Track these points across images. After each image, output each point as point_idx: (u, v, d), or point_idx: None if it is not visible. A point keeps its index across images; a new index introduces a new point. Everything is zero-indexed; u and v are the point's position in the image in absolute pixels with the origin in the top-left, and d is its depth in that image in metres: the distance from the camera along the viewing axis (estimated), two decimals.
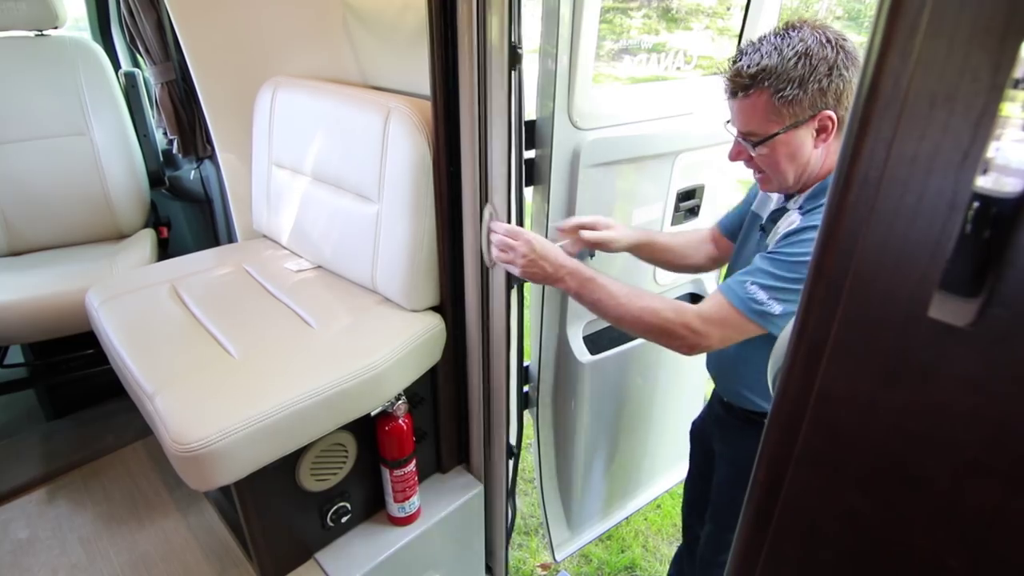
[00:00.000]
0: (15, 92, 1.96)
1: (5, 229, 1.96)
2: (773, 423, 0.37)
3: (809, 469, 0.35)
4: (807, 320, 0.34)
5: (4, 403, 1.99)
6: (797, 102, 1.00)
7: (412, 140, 1.32)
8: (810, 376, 0.33)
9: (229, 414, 1.10)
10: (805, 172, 1.07)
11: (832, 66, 0.98)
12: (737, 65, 1.04)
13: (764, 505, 0.38)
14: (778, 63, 0.99)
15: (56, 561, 1.45)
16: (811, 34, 0.99)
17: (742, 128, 1.08)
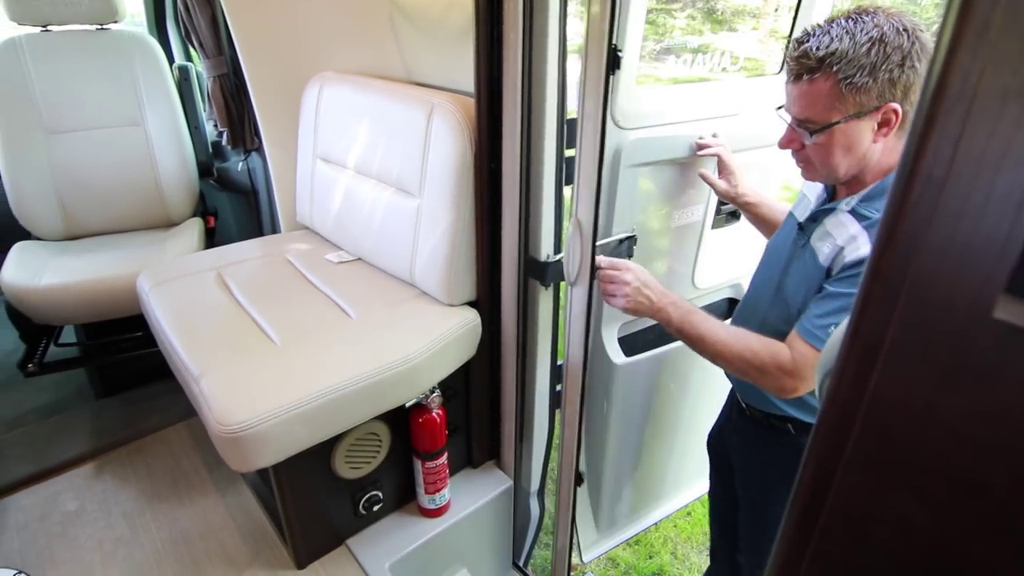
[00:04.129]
0: (76, 84, 2.05)
1: (63, 214, 2.05)
2: (822, 424, 0.36)
3: (860, 473, 0.34)
4: (862, 321, 0.33)
5: (57, 381, 2.08)
6: (865, 90, 0.94)
7: (454, 136, 1.33)
8: (863, 378, 0.33)
9: (270, 399, 1.13)
10: (857, 166, 1.02)
11: (906, 56, 0.92)
12: (804, 46, 0.97)
13: (810, 507, 0.38)
14: (850, 47, 0.93)
15: (101, 533, 1.51)
16: (886, 20, 0.94)
17: (800, 114, 1.01)
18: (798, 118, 1.02)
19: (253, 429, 1.09)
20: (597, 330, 1.68)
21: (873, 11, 0.95)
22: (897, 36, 0.92)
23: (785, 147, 1.08)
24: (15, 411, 1.97)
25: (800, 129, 1.03)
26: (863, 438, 0.34)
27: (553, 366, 1.62)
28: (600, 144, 1.14)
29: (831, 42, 0.94)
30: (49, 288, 1.70)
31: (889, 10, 0.96)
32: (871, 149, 0.99)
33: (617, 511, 2.00)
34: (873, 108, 0.95)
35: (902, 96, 0.95)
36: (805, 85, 0.98)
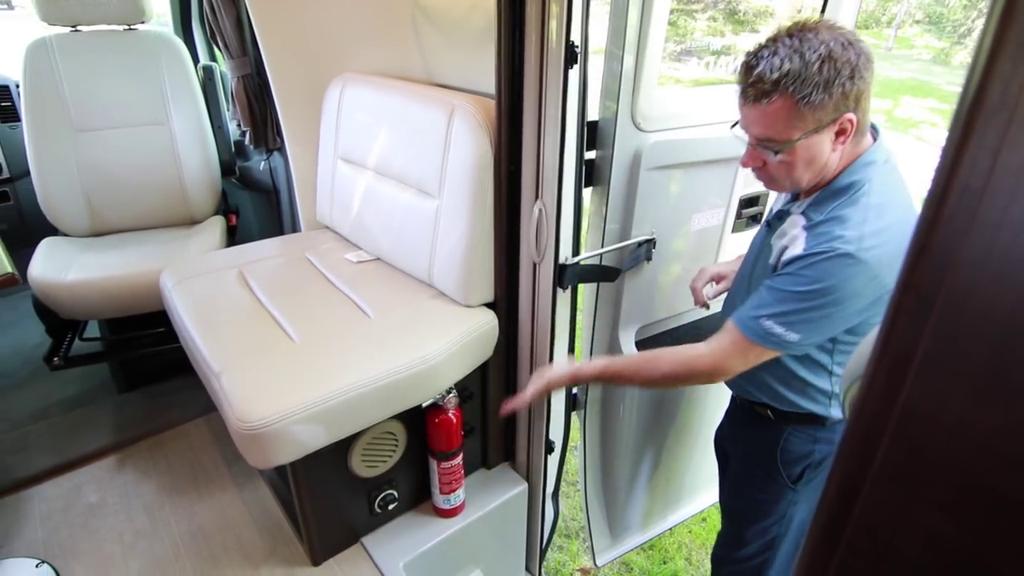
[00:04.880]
0: (104, 83, 2.08)
1: (89, 211, 2.09)
2: (849, 436, 0.36)
3: (888, 486, 0.33)
4: (892, 332, 0.33)
5: (81, 374, 2.12)
6: (821, 106, 0.96)
7: (475, 138, 1.33)
8: (894, 390, 0.32)
9: (289, 396, 1.14)
10: (819, 175, 1.05)
11: (854, 68, 0.95)
12: (757, 71, 0.98)
13: (835, 520, 0.37)
14: (801, 67, 0.95)
15: (122, 526, 1.54)
16: (830, 35, 0.96)
17: (760, 134, 1.03)
18: (758, 138, 1.04)
19: (272, 426, 1.11)
20: (614, 333, 1.68)
21: (814, 27, 0.97)
22: (843, 51, 0.94)
23: (748, 166, 1.09)
24: (41, 403, 2.01)
25: (762, 148, 1.04)
26: (892, 451, 0.33)
27: None
28: (561, 131, 1.22)
29: (782, 63, 0.95)
30: (75, 283, 1.74)
31: (828, 24, 0.98)
32: (831, 157, 1.03)
33: (631, 516, 1.99)
34: (830, 121, 0.98)
35: (855, 105, 0.98)
36: (763, 107, 0.99)
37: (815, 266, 1.00)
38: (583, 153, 1.37)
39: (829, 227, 1.02)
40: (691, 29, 6.20)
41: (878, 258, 0.97)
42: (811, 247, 1.02)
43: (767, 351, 1.07)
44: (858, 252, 0.97)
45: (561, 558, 2.25)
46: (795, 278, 1.02)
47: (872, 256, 0.97)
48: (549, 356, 1.51)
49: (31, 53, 2.00)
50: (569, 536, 2.35)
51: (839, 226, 1.00)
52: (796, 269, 1.02)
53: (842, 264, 0.98)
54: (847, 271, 0.98)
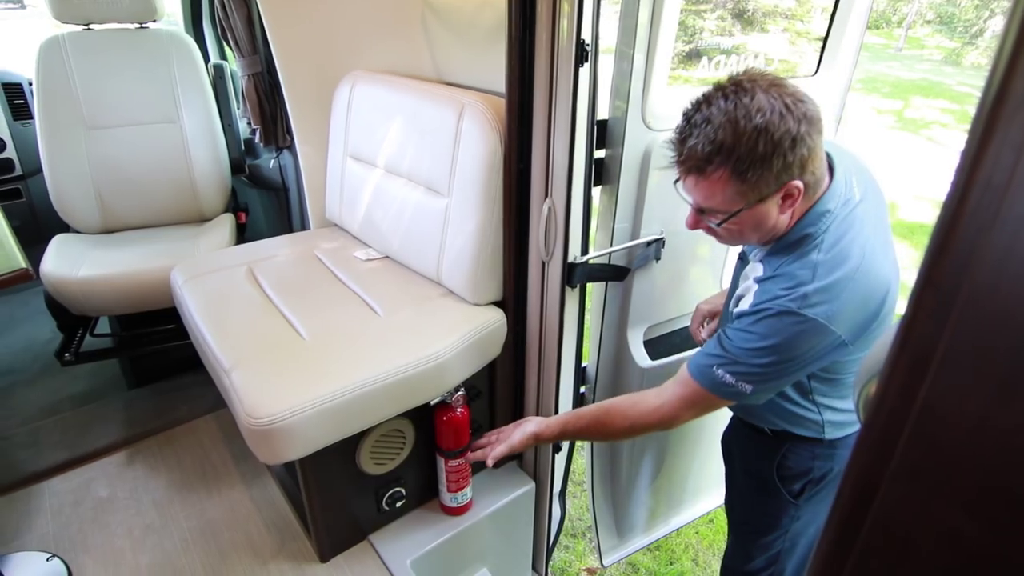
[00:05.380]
0: (115, 81, 2.10)
1: (101, 208, 2.10)
2: (866, 435, 0.35)
3: (906, 485, 0.33)
4: (911, 330, 0.33)
5: (92, 370, 2.14)
6: (761, 179, 0.91)
7: (484, 136, 1.33)
8: (912, 388, 0.32)
9: (299, 393, 1.15)
10: (769, 234, 1.01)
11: (795, 137, 0.88)
12: (689, 144, 0.92)
13: (851, 519, 0.37)
14: (735, 142, 0.88)
15: (132, 520, 1.55)
16: (767, 101, 0.88)
17: (701, 204, 0.99)
18: (700, 207, 1.00)
19: (282, 423, 1.11)
20: (623, 333, 1.67)
21: (750, 87, 0.89)
22: (782, 120, 0.87)
23: (694, 228, 1.04)
24: (51, 399, 2.03)
25: (704, 217, 1.00)
26: (910, 449, 0.33)
27: (577, 368, 1.62)
28: (571, 129, 1.21)
29: (716, 135, 0.89)
30: (86, 280, 1.75)
31: (768, 81, 0.90)
32: (780, 219, 0.98)
33: (638, 516, 1.99)
34: (774, 191, 0.93)
35: (800, 171, 0.91)
36: (696, 180, 0.95)
37: (761, 322, 0.97)
38: (593, 152, 1.37)
39: (775, 283, 0.98)
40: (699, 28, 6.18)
41: (826, 313, 0.93)
42: (756, 303, 0.99)
43: (721, 401, 1.05)
44: (802, 309, 0.93)
45: (567, 558, 2.25)
46: (744, 334, 0.99)
47: (818, 312, 0.93)
48: (557, 355, 1.51)
49: (44, 51, 2.01)
50: (575, 536, 2.35)
51: (784, 283, 0.97)
52: (745, 325, 1.00)
53: (788, 321, 0.95)
54: (793, 328, 0.94)
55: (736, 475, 1.41)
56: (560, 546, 2.25)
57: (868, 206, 1.01)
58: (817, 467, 1.21)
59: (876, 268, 0.95)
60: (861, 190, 1.01)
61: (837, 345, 0.96)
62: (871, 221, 1.00)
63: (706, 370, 1.04)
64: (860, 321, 0.95)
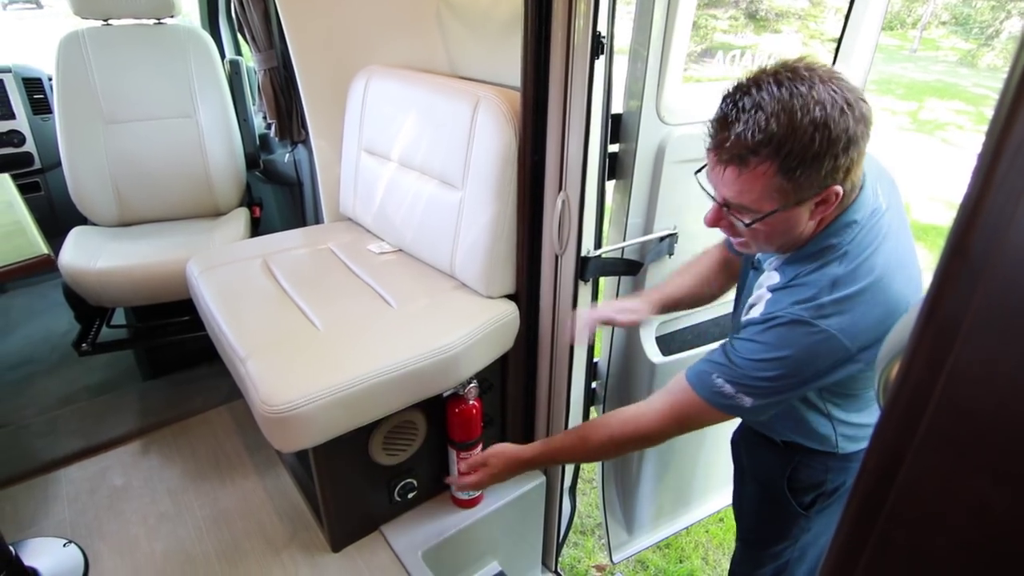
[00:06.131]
0: (133, 75, 2.12)
1: (118, 201, 2.12)
2: (893, 406, 0.35)
3: (933, 454, 0.33)
4: (939, 298, 0.33)
5: (107, 361, 2.16)
6: (806, 179, 0.83)
7: (499, 129, 1.34)
8: (941, 356, 0.32)
9: (313, 381, 1.16)
10: (793, 243, 0.95)
11: (851, 138, 0.80)
12: (737, 131, 0.82)
13: (876, 490, 0.37)
14: (789, 133, 0.79)
15: (147, 509, 1.56)
16: (827, 93, 0.79)
17: (731, 199, 0.89)
18: (728, 202, 0.90)
19: (297, 410, 1.12)
20: (635, 328, 1.67)
21: (808, 75, 0.80)
22: (841, 117, 0.79)
23: (714, 226, 0.96)
24: (68, 389, 2.05)
25: (731, 215, 0.92)
26: (938, 418, 0.33)
27: (589, 363, 1.62)
28: (586, 123, 1.21)
29: (767, 123, 0.79)
30: (104, 271, 1.77)
31: (826, 72, 0.82)
32: (808, 225, 0.91)
33: (648, 513, 1.98)
34: (814, 194, 0.85)
35: (844, 176, 0.84)
36: (737, 171, 0.85)
37: (771, 331, 0.92)
38: (607, 146, 1.37)
39: (790, 293, 0.93)
40: (712, 28, 6.16)
41: (840, 326, 0.87)
42: (767, 312, 0.94)
43: (718, 413, 0.98)
44: (815, 320, 0.88)
45: (577, 554, 2.25)
46: (752, 344, 0.93)
47: (832, 324, 0.87)
48: (569, 349, 1.51)
49: (64, 46, 2.04)
50: (585, 533, 2.35)
51: (800, 293, 0.91)
52: (752, 334, 0.94)
53: (800, 332, 0.89)
54: (804, 339, 0.89)
55: (745, 479, 1.37)
56: (569, 543, 2.25)
57: (893, 215, 0.95)
58: (830, 479, 1.16)
59: (897, 284, 0.89)
60: (886, 199, 0.95)
61: (847, 360, 0.89)
62: (895, 232, 0.93)
63: (705, 377, 0.97)
64: (876, 337, 0.88)
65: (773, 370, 0.91)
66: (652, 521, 2.02)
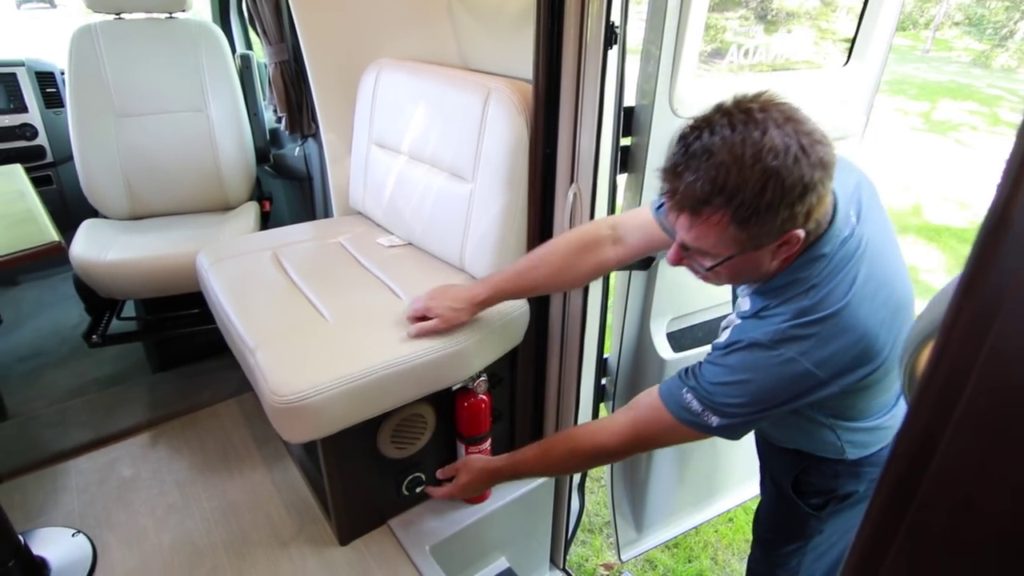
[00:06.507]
0: (145, 69, 2.13)
1: (129, 195, 2.13)
2: (927, 388, 0.34)
3: (970, 437, 0.32)
4: (979, 272, 0.31)
5: (117, 354, 2.17)
6: (762, 228, 0.80)
7: (510, 121, 1.33)
8: (980, 332, 0.31)
9: (323, 372, 1.15)
10: (759, 280, 0.93)
11: (808, 185, 0.77)
12: (688, 180, 0.79)
13: (906, 478, 0.35)
14: (740, 183, 0.77)
15: (155, 500, 1.56)
16: (781, 139, 0.76)
17: (689, 244, 0.88)
18: (686, 246, 0.89)
19: (306, 401, 1.11)
20: (646, 324, 1.66)
21: (762, 118, 0.77)
22: (795, 165, 0.76)
23: (676, 264, 0.95)
24: (78, 381, 2.06)
25: (689, 256, 0.92)
26: (976, 399, 0.32)
27: (599, 359, 1.60)
28: (599, 115, 1.20)
29: (716, 175, 0.77)
30: (114, 263, 1.77)
31: (781, 115, 0.78)
32: (771, 265, 0.89)
33: (657, 511, 1.97)
34: (773, 239, 0.83)
35: (805, 220, 0.81)
36: (690, 220, 0.83)
37: (731, 355, 0.92)
38: (619, 139, 1.36)
39: (755, 322, 0.93)
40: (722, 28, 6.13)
41: (800, 350, 0.86)
42: (731, 338, 0.94)
43: (683, 430, 0.97)
44: (773, 343, 0.88)
45: (584, 553, 2.23)
46: (715, 367, 0.94)
47: (791, 348, 0.87)
48: (579, 344, 1.50)
49: (77, 39, 2.05)
50: (592, 531, 2.33)
51: (764, 325, 0.90)
52: (715, 358, 0.95)
53: (758, 354, 0.89)
54: (765, 363, 0.89)
55: (765, 479, 1.35)
56: (577, 541, 2.24)
57: (869, 227, 0.92)
58: (842, 485, 1.14)
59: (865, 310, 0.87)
60: (858, 209, 0.92)
61: (818, 386, 0.88)
62: (873, 243, 0.91)
63: (676, 391, 0.97)
64: (846, 364, 0.87)
65: (737, 395, 0.91)
66: (661, 520, 2.00)
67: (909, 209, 5.64)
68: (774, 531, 1.33)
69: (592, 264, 1.21)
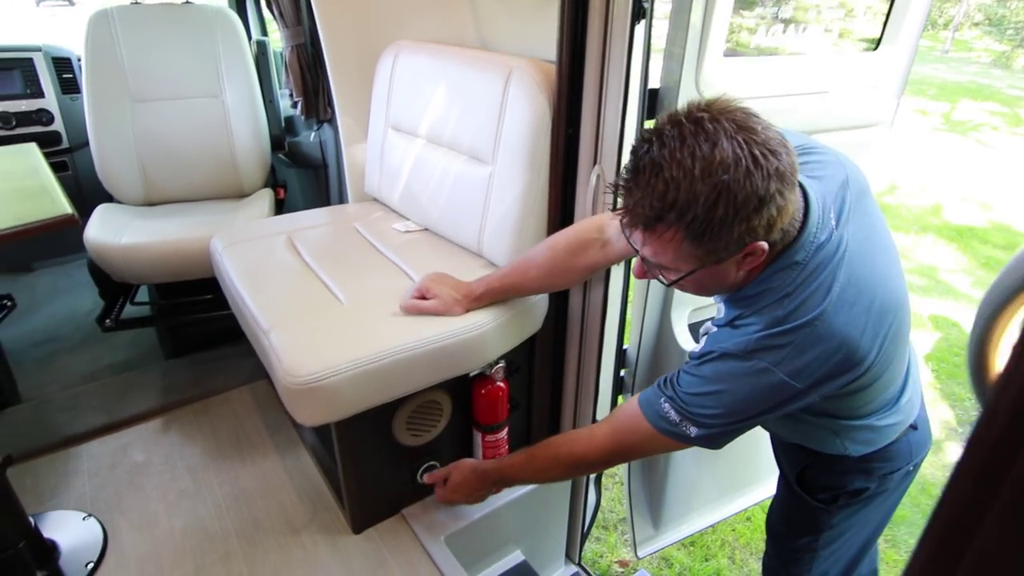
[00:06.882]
0: (161, 54, 2.12)
1: (144, 180, 2.12)
2: (1019, 360, 0.30)
3: None
4: None
5: (130, 341, 2.16)
6: (718, 243, 0.78)
7: (532, 100, 1.29)
8: None
9: (338, 353, 1.12)
10: (729, 289, 0.91)
11: (763, 198, 0.74)
12: (637, 198, 0.77)
13: (991, 459, 0.31)
14: (690, 199, 0.73)
15: (167, 485, 1.54)
16: (731, 151, 0.72)
17: (648, 259, 0.86)
18: (647, 260, 0.87)
19: (321, 382, 1.08)
20: (666, 314, 1.61)
21: (713, 129, 0.73)
22: (748, 178, 0.72)
23: (642, 278, 0.94)
24: (91, 367, 2.05)
25: (652, 269, 0.89)
26: None
27: (618, 350, 1.56)
28: (624, 96, 1.17)
29: (666, 191, 0.74)
30: (128, 246, 1.76)
31: (733, 124, 0.73)
32: (740, 275, 0.86)
33: (675, 508, 1.92)
34: (733, 252, 0.80)
35: (766, 232, 0.78)
36: (648, 236, 0.81)
37: (704, 365, 0.90)
38: (644, 121, 1.32)
39: (727, 332, 0.90)
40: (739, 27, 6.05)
41: (773, 360, 0.84)
42: (705, 348, 0.92)
43: (663, 440, 0.95)
44: (745, 353, 0.86)
45: (599, 549, 2.20)
46: (689, 377, 0.92)
47: (764, 357, 0.84)
48: (600, 332, 1.46)
49: (93, 23, 2.04)
50: (607, 528, 2.29)
51: (736, 334, 0.88)
52: (690, 368, 0.93)
53: (730, 364, 0.87)
54: (738, 372, 0.87)
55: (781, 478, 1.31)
56: (592, 538, 2.20)
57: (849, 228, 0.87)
58: (851, 481, 1.10)
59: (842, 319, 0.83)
60: (839, 210, 0.88)
61: (796, 396, 0.85)
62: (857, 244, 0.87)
63: (654, 401, 0.95)
64: (825, 374, 0.84)
65: (712, 406, 0.89)
66: (679, 516, 1.96)
67: (929, 209, 5.54)
68: (785, 524, 1.30)
69: (581, 267, 1.21)
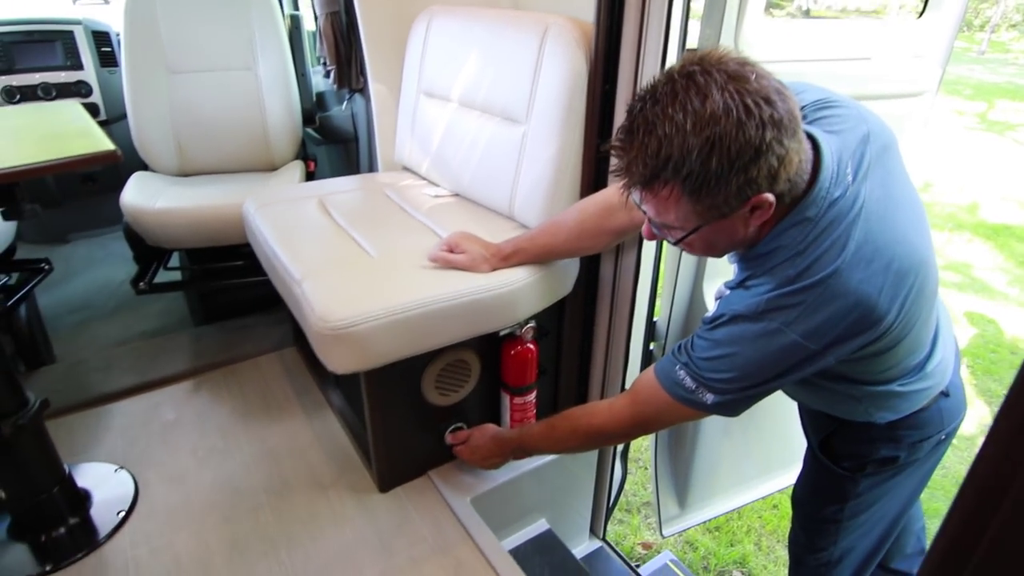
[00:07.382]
0: (197, 25, 2.14)
1: (178, 150, 2.15)
2: None
3: None
4: None
5: (162, 308, 2.20)
6: (719, 197, 0.76)
7: (569, 56, 1.28)
8: None
9: (370, 301, 1.12)
10: (742, 245, 0.88)
11: (759, 148, 0.72)
12: (632, 156, 0.76)
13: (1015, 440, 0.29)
14: (684, 154, 0.73)
15: (196, 442, 1.56)
16: (722, 103, 0.71)
17: (653, 217, 0.85)
18: (653, 220, 0.86)
19: (354, 328, 1.08)
20: (698, 287, 1.59)
21: (704, 81, 0.72)
22: (740, 130, 0.71)
23: (650, 240, 0.94)
24: (124, 333, 2.08)
25: (659, 230, 0.87)
26: None
27: (649, 322, 1.54)
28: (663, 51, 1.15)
29: (660, 147, 0.73)
30: (162, 211, 1.78)
31: (724, 75, 0.72)
32: (750, 231, 0.84)
33: (702, 489, 1.89)
34: (737, 206, 0.78)
35: (769, 183, 0.76)
36: (647, 195, 0.80)
37: (717, 328, 0.88)
38: None
39: (740, 293, 0.88)
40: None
41: (785, 320, 0.82)
42: (718, 311, 0.90)
43: (681, 409, 0.94)
44: (756, 314, 0.84)
45: (622, 531, 2.17)
46: (702, 341, 0.90)
47: (775, 318, 0.82)
48: (631, 297, 1.44)
49: None
50: (630, 511, 2.26)
51: (748, 296, 0.86)
52: (703, 332, 0.91)
53: (742, 326, 0.85)
54: (750, 335, 0.85)
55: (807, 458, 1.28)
56: (614, 520, 2.17)
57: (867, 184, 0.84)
58: (878, 449, 1.06)
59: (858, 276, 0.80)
60: (857, 165, 0.84)
61: (811, 357, 0.83)
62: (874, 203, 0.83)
63: (669, 369, 0.94)
64: (840, 334, 0.81)
65: (725, 370, 0.88)
66: (705, 497, 1.92)
67: (965, 207, 5.41)
68: (811, 493, 1.25)
69: (611, 230, 1.21)
